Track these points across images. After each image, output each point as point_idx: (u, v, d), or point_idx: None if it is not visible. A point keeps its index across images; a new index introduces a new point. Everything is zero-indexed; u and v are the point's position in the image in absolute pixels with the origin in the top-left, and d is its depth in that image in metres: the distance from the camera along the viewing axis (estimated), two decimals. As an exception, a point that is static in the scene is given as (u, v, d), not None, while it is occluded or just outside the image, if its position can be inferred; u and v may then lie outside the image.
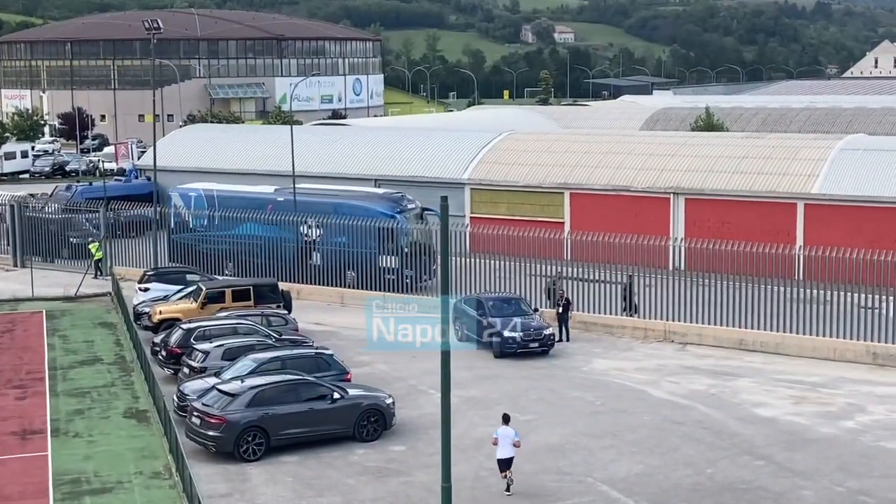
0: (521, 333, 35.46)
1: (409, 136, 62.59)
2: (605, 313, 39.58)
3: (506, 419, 24.32)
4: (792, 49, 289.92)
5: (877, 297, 35.78)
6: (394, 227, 43.45)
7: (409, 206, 45.41)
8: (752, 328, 37.01)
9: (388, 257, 43.22)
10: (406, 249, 43.47)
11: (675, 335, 37.81)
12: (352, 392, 28.00)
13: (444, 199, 17.58)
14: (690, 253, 40.02)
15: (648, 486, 24.25)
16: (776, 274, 37.61)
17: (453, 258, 41.56)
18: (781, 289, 37.11)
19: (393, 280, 42.86)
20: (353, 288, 43.82)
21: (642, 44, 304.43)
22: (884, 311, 35.46)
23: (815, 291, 36.62)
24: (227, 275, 46.18)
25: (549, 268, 41.74)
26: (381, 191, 48.71)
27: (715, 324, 37.73)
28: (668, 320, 38.35)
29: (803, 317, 36.24)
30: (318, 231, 44.99)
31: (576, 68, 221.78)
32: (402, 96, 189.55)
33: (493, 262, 42.50)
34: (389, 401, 28.11)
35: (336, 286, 44.35)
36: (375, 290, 42.87)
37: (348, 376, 30.28)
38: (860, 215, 46.07)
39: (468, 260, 42.62)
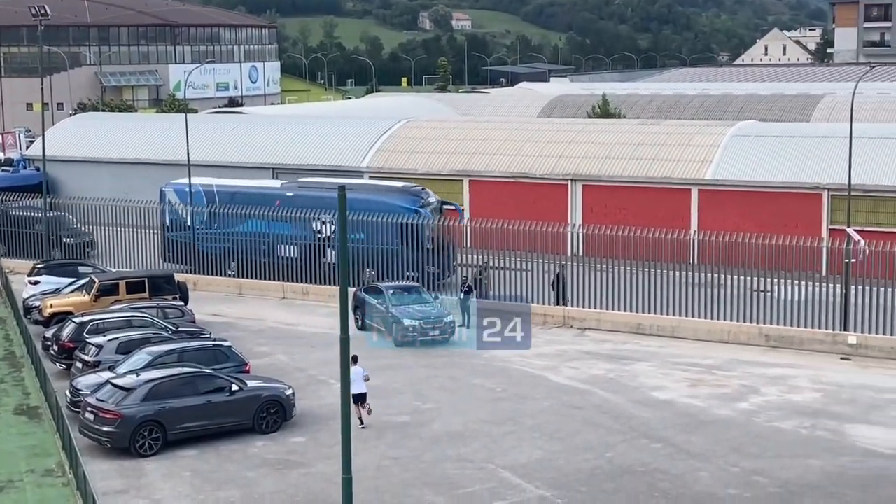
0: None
1: (307, 124, 62.08)
2: (503, 300, 39.81)
3: (355, 360, 26.39)
4: (685, 37, 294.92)
5: (769, 280, 36.63)
6: (418, 222, 41.38)
7: (430, 200, 43.35)
8: (649, 313, 37.60)
9: (412, 254, 41.05)
10: (429, 246, 41.47)
11: (574, 321, 38.18)
12: (251, 384, 27.68)
13: (342, 188, 17.43)
14: (588, 239, 40.47)
15: (549, 471, 24.46)
16: (672, 259, 38.23)
17: (354, 248, 41.40)
18: (677, 273, 37.75)
19: (415, 278, 40.30)
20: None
21: (539, 31, 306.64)
22: (775, 294, 36.32)
23: (709, 275, 37.33)
24: (229, 275, 44.08)
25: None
26: (399, 184, 45.57)
27: (613, 309, 38.23)
28: (567, 306, 38.72)
29: (698, 301, 36.93)
30: (332, 227, 42.42)
31: (474, 55, 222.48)
32: (300, 84, 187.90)
33: (384, 248, 42.37)
34: (289, 392, 27.86)
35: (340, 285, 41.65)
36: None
37: (247, 368, 29.93)
38: (752, 200, 47.10)
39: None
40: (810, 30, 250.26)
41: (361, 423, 27.23)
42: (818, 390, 30.51)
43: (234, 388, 27.04)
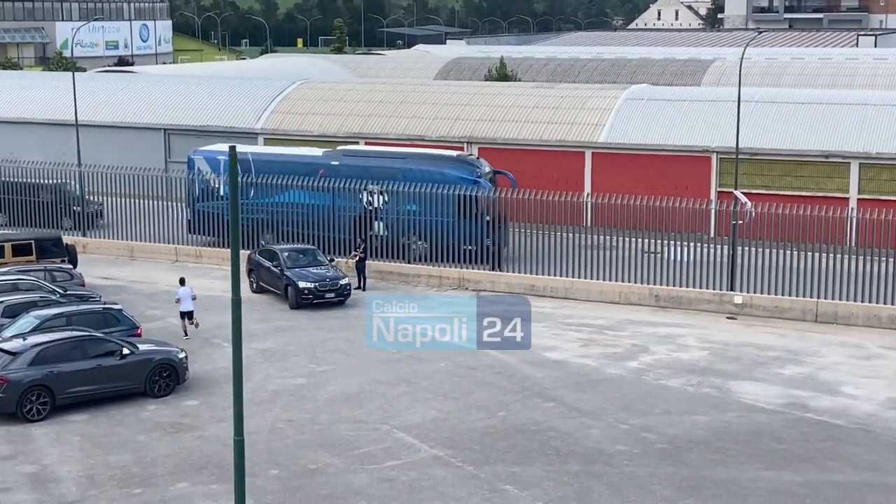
0: (316, 284, 35.31)
1: (200, 84, 61.07)
2: (400, 261, 39.95)
3: (182, 282, 32.19)
4: (580, 1, 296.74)
5: (659, 241, 37.34)
6: (478, 194, 39.39)
7: (486, 170, 41.66)
8: (543, 274, 38.05)
9: (470, 226, 39.11)
10: (488, 218, 39.36)
11: (469, 282, 38.45)
12: (142, 347, 27.32)
13: (233, 148, 17.22)
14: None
15: (443, 431, 24.68)
16: (566, 221, 38.68)
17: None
18: (571, 235, 38.23)
19: (474, 251, 38.93)
20: (422, 262, 39.68)
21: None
22: (665, 256, 37.07)
23: (601, 237, 37.90)
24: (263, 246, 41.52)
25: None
26: (453, 153, 43.45)
27: (507, 271, 38.59)
28: (462, 268, 38.97)
29: (591, 262, 37.48)
30: (383, 198, 40.45)
31: (370, 17, 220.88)
32: (193, 43, 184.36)
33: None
34: (182, 355, 27.58)
35: (398, 259, 40.01)
36: (451, 262, 39.18)
37: (139, 331, 29.52)
38: (643, 163, 47.88)
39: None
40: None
41: (186, 334, 31.38)
42: (705, 349, 31.30)
43: (125, 351, 26.66)
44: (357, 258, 38.35)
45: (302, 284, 35.30)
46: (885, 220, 34.91)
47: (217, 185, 43.02)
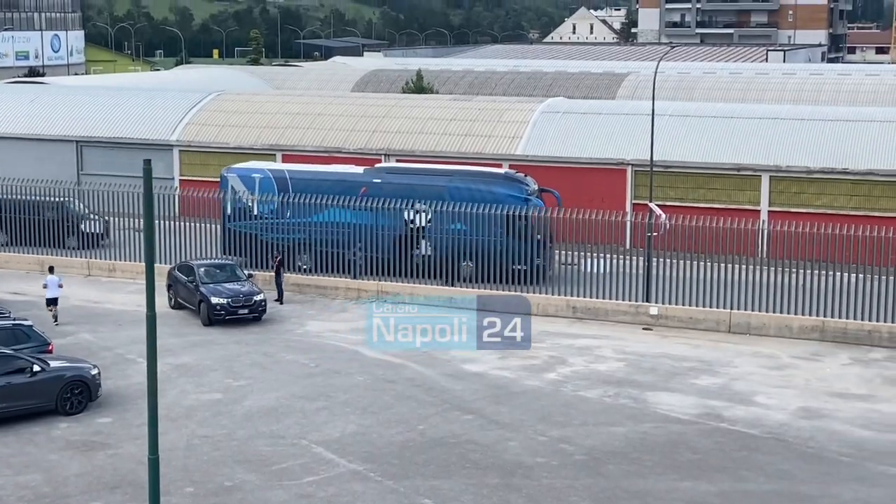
0: (228, 300, 34.75)
1: (114, 95, 60.12)
2: (318, 274, 39.71)
3: (51, 270, 35.33)
4: (496, 14, 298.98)
5: (576, 253, 37.63)
6: (530, 213, 38.29)
7: (534, 188, 40.56)
8: (462, 286, 38.10)
9: (521, 246, 37.87)
10: (539, 237, 38.38)
11: (388, 294, 38.32)
12: (53, 364, 26.70)
13: (147, 161, 16.93)
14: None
15: (362, 445, 24.52)
16: (484, 233, 38.74)
17: (161, 222, 40.42)
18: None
19: (525, 272, 37.68)
20: (468, 284, 38.23)
21: (353, 5, 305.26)
22: (582, 267, 37.35)
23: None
24: (302, 269, 39.97)
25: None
26: (500, 170, 42.46)
27: (428, 283, 38.57)
28: (380, 280, 38.85)
29: (510, 275, 37.61)
30: (427, 217, 39.09)
31: (287, 28, 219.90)
32: (106, 54, 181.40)
33: (203, 226, 41.60)
34: (95, 371, 27.02)
35: (446, 283, 38.42)
36: (499, 283, 37.68)
37: (50, 348, 28.85)
38: (560, 175, 48.21)
39: (178, 224, 41.48)
40: (616, 10, 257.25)
41: (56, 319, 33.86)
42: (622, 360, 31.58)
43: (36, 368, 26.04)
44: (275, 271, 38.05)
45: (214, 300, 34.64)
46: (794, 231, 35.60)
47: (252, 205, 41.37)
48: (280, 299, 37.61)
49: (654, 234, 36.73)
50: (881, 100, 65.09)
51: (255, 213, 41.18)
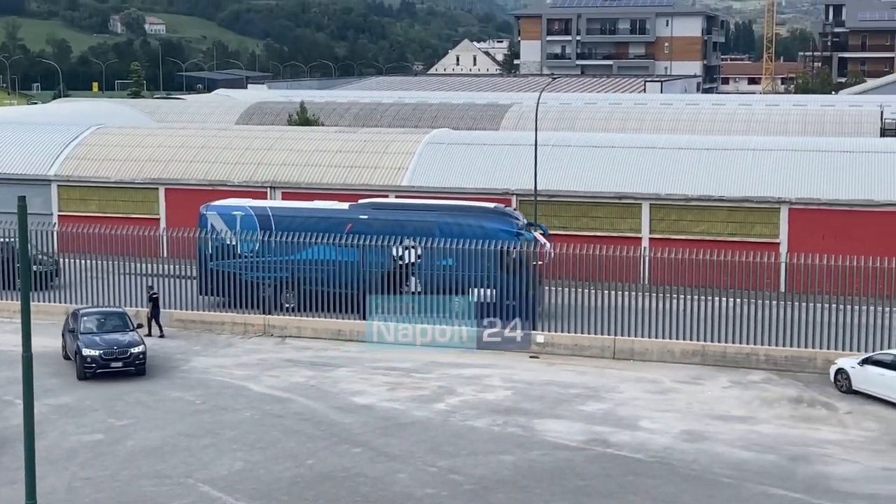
0: (101, 352, 32.04)
1: (-12, 129, 58.49)
2: (204, 310, 39.13)
3: None
4: (381, 46, 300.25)
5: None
6: (523, 247, 37.23)
7: (524, 222, 39.93)
8: (349, 318, 37.97)
9: (514, 281, 36.71)
10: (532, 272, 37.39)
11: (274, 329, 37.99)
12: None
13: (22, 198, 16.52)
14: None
15: (249, 482, 24.17)
16: (367, 263, 38.68)
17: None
18: (377, 279, 38.29)
19: (517, 307, 36.54)
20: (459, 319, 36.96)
21: (236, 37, 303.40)
22: (469, 297, 37.48)
23: (410, 280, 38.07)
24: (287, 308, 38.80)
25: (145, 266, 40.53)
26: (490, 205, 41.31)
27: (314, 316, 38.33)
28: (267, 314, 38.48)
29: (327, 302, 37.72)
30: (416, 253, 38.25)
31: (168, 61, 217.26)
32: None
33: (84, 262, 40.70)
34: (-30, 415, 26.07)
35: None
36: (492, 317, 36.66)
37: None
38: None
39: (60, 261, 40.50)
40: (498, 42, 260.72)
41: None
42: (509, 388, 31.78)
43: None
44: (150, 307, 37.35)
45: (86, 352, 32.04)
46: (674, 258, 36.36)
47: (234, 243, 40.21)
48: (161, 334, 36.95)
49: (539, 262, 37.12)
50: (754, 129, 67.07)
51: (238, 252, 40.01)
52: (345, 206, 41.77)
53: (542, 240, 38.15)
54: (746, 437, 27.52)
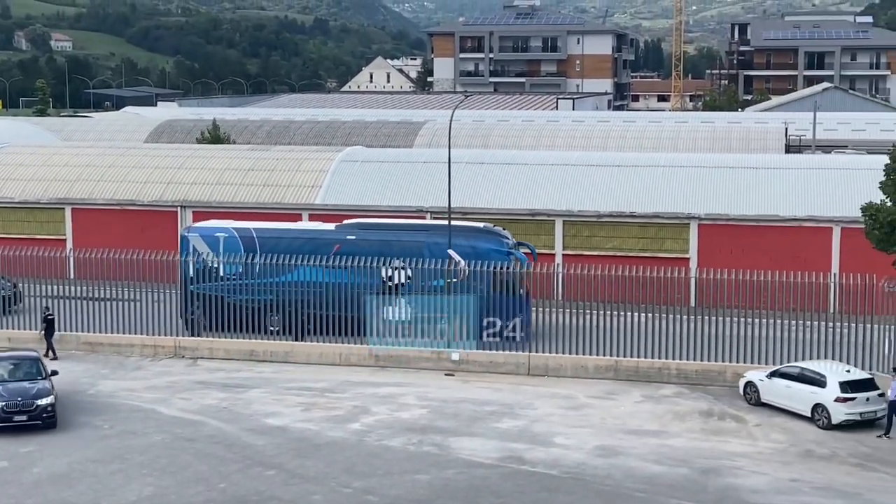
0: (3, 404, 29.06)
1: None
2: (113, 332, 38.42)
3: None
4: (294, 63, 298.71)
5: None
6: (514, 268, 36.95)
7: (513, 241, 39.65)
8: (262, 339, 37.63)
9: (506, 301, 36.52)
10: (522, 291, 37.19)
11: (185, 350, 37.47)
12: None
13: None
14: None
15: (161, 508, 23.77)
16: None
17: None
18: (290, 299, 38.02)
19: (511, 328, 36.56)
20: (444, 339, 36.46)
21: (145, 54, 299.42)
22: (385, 315, 37.40)
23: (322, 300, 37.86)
24: (272, 331, 38.16)
25: (50, 288, 39.70)
26: (479, 224, 41.03)
27: (226, 336, 37.90)
28: (178, 336, 37.94)
29: (312, 324, 37.35)
30: (406, 273, 37.47)
31: (75, 78, 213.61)
32: None
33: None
34: None
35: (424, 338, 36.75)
36: (480, 340, 36.47)
37: None
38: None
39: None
40: (412, 59, 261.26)
41: None
42: (424, 406, 31.74)
43: None
44: (43, 328, 36.61)
45: None
46: (587, 274, 36.71)
47: (216, 265, 39.29)
48: (54, 356, 36.22)
49: (454, 280, 37.17)
50: (664, 145, 68.13)
51: (221, 274, 39.06)
52: (331, 226, 41.39)
53: (458, 257, 38.16)
54: (659, 452, 27.84)
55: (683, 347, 34.71)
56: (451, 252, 38.25)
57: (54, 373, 31.32)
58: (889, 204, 33.06)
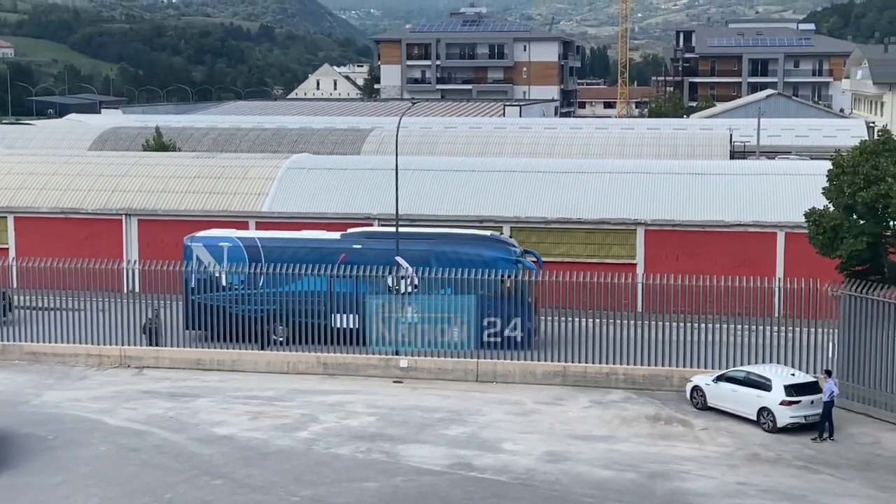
0: None
1: None
2: (57, 342, 37.94)
3: None
4: (239, 70, 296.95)
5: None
6: (524, 276, 36.93)
7: (520, 249, 39.49)
8: (208, 347, 37.36)
9: (514, 309, 36.43)
10: (530, 299, 37.03)
11: (131, 360, 37.12)
12: None
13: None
14: (144, 275, 39.44)
15: (106, 520, 23.51)
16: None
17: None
18: (237, 308, 37.79)
19: (521, 337, 36.29)
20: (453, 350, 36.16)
21: (89, 61, 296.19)
22: (331, 323, 37.29)
23: (267, 309, 37.66)
24: (277, 341, 37.68)
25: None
26: (486, 233, 41.03)
27: (169, 346, 37.59)
28: (123, 345, 37.57)
29: (260, 333, 37.16)
30: (413, 282, 36.95)
31: (17, 85, 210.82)
32: None
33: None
34: None
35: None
36: (490, 349, 36.16)
37: None
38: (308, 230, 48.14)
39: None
40: (359, 66, 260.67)
41: None
42: (373, 414, 31.69)
43: None
44: None
45: None
46: (536, 280, 36.78)
47: (219, 275, 38.91)
48: None
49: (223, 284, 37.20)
50: (610, 152, 68.59)
51: (224, 284, 38.65)
52: (336, 235, 41.21)
53: (405, 264, 38.18)
54: (607, 457, 28.02)
55: (631, 352, 34.96)
56: (398, 258, 38.24)
57: None
58: (832, 209, 33.53)
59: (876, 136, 35.05)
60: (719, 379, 32.01)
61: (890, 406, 31.08)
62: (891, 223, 32.44)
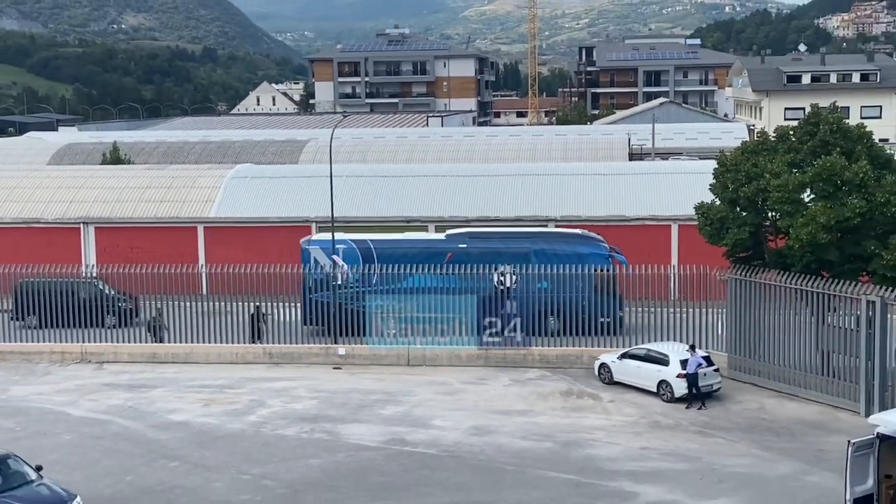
0: None
1: None
2: (22, 341, 37.17)
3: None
4: (186, 88, 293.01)
5: (270, 304, 37.31)
6: (616, 271, 36.52)
7: (607, 245, 38.91)
8: (164, 342, 36.87)
9: (607, 301, 35.51)
10: (620, 292, 36.19)
11: (92, 355, 36.50)
12: None
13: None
14: (108, 278, 38.76)
15: (72, 502, 23.08)
16: (183, 291, 37.69)
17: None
18: (189, 304, 37.31)
19: (609, 324, 35.14)
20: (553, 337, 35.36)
21: (46, 83, 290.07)
22: (277, 317, 37.09)
23: (218, 304, 37.30)
24: (392, 334, 35.89)
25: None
26: (577, 231, 40.84)
27: (130, 342, 37.05)
28: (84, 342, 36.93)
29: (210, 327, 36.76)
30: (513, 278, 36.17)
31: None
32: None
33: None
34: None
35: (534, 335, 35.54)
36: (584, 335, 35.12)
37: None
38: (252, 234, 47.83)
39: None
40: (295, 83, 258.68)
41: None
42: (315, 398, 31.56)
43: None
44: None
45: None
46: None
47: (336, 275, 37.77)
48: None
49: (339, 283, 36.98)
50: (523, 156, 68.98)
51: (339, 283, 37.57)
52: (441, 236, 40.81)
53: (341, 262, 38.08)
54: (526, 429, 28.23)
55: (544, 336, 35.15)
56: (335, 257, 38.11)
57: (38, 467, 23.04)
58: (718, 203, 34.10)
59: (755, 138, 35.67)
60: (623, 356, 32.42)
61: (773, 375, 31.74)
62: (769, 214, 33.08)
